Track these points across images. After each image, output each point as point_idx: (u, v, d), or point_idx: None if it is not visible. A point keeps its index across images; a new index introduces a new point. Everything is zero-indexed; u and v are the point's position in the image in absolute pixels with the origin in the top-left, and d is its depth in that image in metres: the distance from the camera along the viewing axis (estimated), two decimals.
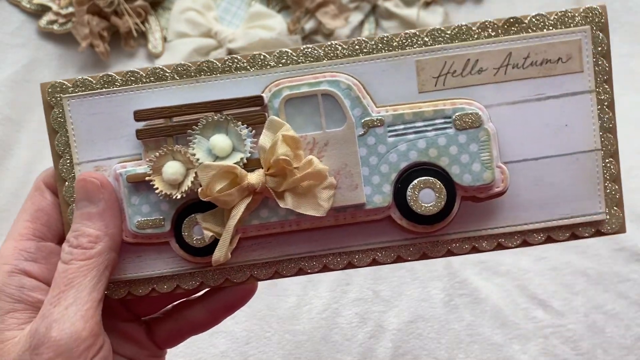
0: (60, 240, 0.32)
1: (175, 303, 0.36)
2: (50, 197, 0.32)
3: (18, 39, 0.59)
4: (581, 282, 0.52)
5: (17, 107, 0.56)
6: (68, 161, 0.32)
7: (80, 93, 0.31)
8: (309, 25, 0.59)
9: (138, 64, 0.59)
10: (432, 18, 0.63)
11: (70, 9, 0.58)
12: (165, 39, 0.60)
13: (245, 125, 0.30)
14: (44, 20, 0.59)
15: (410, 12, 0.61)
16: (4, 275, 0.30)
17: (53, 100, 0.32)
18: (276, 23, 0.58)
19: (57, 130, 0.32)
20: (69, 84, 0.31)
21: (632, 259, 0.52)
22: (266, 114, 0.30)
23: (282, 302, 0.51)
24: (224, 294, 0.34)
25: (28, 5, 0.59)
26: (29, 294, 0.30)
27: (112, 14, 0.58)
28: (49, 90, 0.32)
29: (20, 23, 0.59)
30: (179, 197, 0.29)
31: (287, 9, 0.61)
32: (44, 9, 0.59)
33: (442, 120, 0.30)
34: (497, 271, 0.53)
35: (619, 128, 0.53)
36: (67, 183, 0.32)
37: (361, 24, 0.62)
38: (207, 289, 0.34)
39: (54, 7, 0.59)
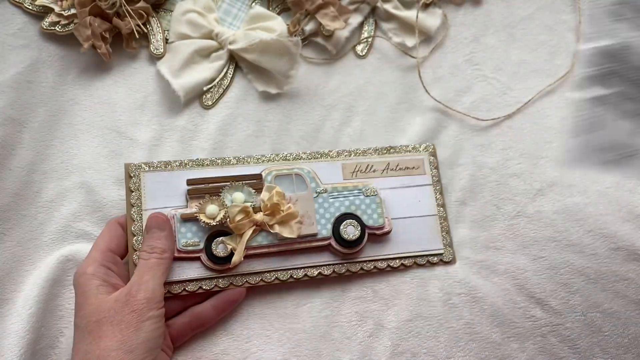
0: (124, 256, 0.51)
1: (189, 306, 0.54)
2: (121, 230, 0.52)
3: (20, 40, 0.58)
4: (579, 281, 0.52)
5: (19, 108, 0.56)
6: (138, 209, 0.52)
7: (151, 170, 0.54)
8: (309, 27, 0.60)
9: (139, 65, 0.60)
10: (431, 20, 0.62)
11: (73, 11, 0.57)
12: (166, 41, 0.60)
13: (252, 188, 0.53)
14: (46, 22, 0.58)
15: (410, 14, 0.61)
16: (96, 266, 0.48)
17: (133, 173, 0.53)
18: (277, 25, 0.59)
19: (132, 190, 0.53)
20: (144, 166, 0.54)
21: (629, 258, 0.52)
22: (263, 183, 0.54)
23: (282, 301, 0.53)
24: (225, 294, 0.53)
25: (30, 7, 0.58)
26: (111, 279, 0.48)
27: (114, 16, 0.57)
28: (131, 168, 0.53)
29: (23, 24, 0.58)
30: (214, 224, 0.51)
31: (287, 10, 0.62)
32: (46, 10, 0.58)
33: (357, 191, 0.55)
34: (495, 270, 0.54)
35: None
36: (135, 222, 0.52)
37: (361, 25, 0.63)
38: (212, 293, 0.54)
39: (56, 9, 0.58)
